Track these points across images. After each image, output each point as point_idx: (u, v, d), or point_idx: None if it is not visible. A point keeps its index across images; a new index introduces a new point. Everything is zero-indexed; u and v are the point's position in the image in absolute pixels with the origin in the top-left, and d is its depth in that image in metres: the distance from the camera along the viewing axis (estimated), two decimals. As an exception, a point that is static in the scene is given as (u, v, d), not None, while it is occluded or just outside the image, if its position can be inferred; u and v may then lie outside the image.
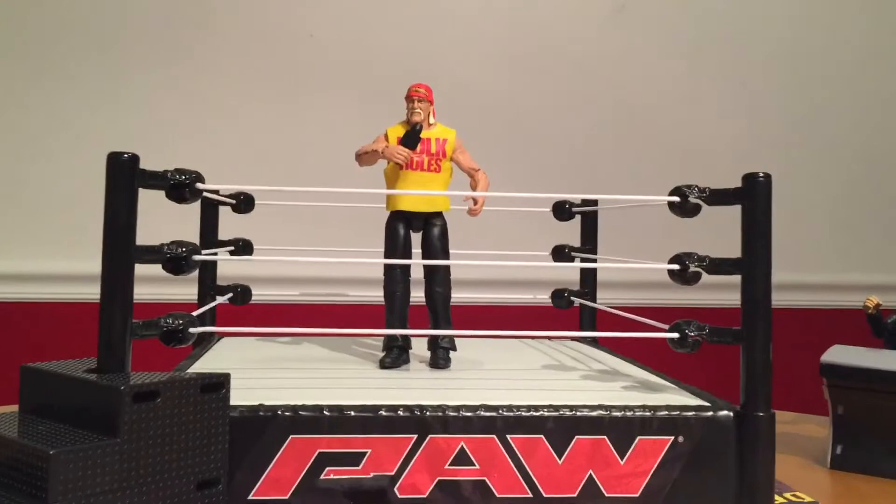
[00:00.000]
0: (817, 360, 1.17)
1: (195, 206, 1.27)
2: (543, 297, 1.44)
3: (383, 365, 1.10)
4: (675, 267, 0.92)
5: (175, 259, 0.85)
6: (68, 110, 1.99)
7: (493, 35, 2.10)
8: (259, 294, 1.37)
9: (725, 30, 2.20)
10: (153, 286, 1.16)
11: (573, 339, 1.40)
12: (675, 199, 0.92)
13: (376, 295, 1.16)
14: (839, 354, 1.16)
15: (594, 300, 1.43)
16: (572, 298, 1.41)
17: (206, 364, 1.10)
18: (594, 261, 1.42)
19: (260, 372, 1.05)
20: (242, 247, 1.35)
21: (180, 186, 0.86)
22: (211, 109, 2.04)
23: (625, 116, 2.15)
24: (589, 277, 1.44)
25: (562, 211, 1.41)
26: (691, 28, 2.18)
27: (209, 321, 1.35)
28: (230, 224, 1.36)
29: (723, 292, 1.16)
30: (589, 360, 1.20)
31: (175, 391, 0.76)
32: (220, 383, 0.80)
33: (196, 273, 1.35)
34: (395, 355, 1.11)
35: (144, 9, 2.02)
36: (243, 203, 1.34)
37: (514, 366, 1.14)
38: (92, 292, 0.84)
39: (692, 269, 0.91)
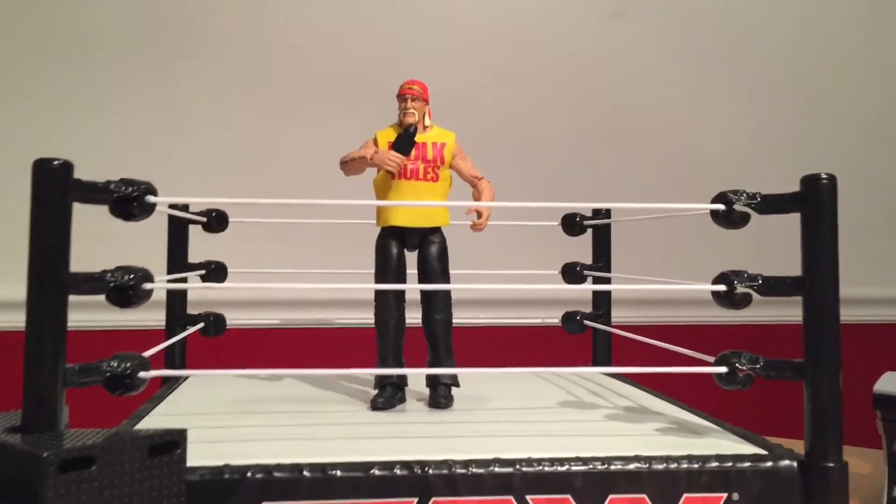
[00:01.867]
0: (862, 380, 1.03)
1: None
2: (552, 318, 1.29)
3: (375, 406, 0.94)
4: (722, 288, 0.77)
5: (120, 289, 0.70)
6: (32, 119, 1.84)
7: (487, 42, 1.96)
8: (236, 319, 1.22)
9: (726, 34, 2.06)
10: (114, 310, 1.00)
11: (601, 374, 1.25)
12: (720, 206, 0.78)
13: (366, 317, 1.01)
14: (894, 383, 1.02)
15: (609, 323, 1.28)
16: (585, 322, 1.26)
17: (169, 409, 0.95)
18: (608, 280, 1.28)
19: (229, 418, 0.89)
20: (215, 270, 1.20)
21: (126, 200, 0.71)
22: (187, 123, 1.88)
23: (624, 123, 2.01)
24: (603, 298, 1.29)
25: (572, 224, 1.27)
26: (690, 33, 2.05)
27: (178, 354, 1.21)
28: (207, 244, 1.21)
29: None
30: (610, 395, 1.05)
31: (115, 455, 0.61)
32: (173, 442, 0.65)
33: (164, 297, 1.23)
34: (389, 394, 0.96)
35: (120, 19, 1.87)
36: (215, 220, 1.19)
37: (527, 403, 0.99)
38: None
39: (741, 289, 0.77)
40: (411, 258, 1.00)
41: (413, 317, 1.00)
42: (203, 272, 1.19)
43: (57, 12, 1.84)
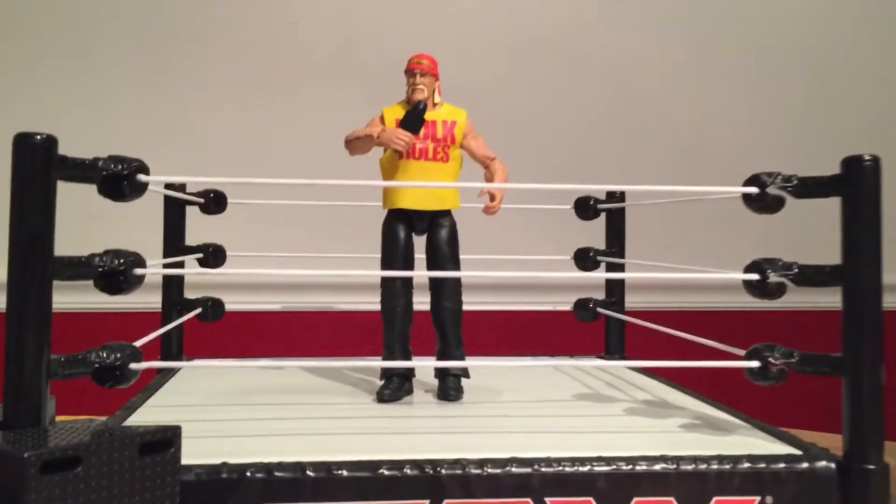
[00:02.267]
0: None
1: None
2: (563, 304, 1.24)
3: (382, 398, 0.90)
4: (754, 277, 0.72)
5: (110, 274, 0.65)
6: (26, 106, 1.78)
7: (495, 22, 1.89)
8: (235, 302, 1.17)
9: (735, 15, 2.00)
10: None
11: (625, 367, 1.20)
12: (753, 190, 0.73)
13: (371, 301, 0.96)
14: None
15: (622, 310, 1.24)
16: (598, 310, 1.21)
17: (163, 399, 0.90)
18: (622, 266, 1.23)
19: (227, 410, 0.84)
20: (213, 253, 1.15)
21: (115, 178, 0.66)
22: (183, 103, 1.82)
23: (628, 107, 1.94)
24: (617, 285, 1.24)
25: (586, 208, 1.21)
26: (698, 13, 1.98)
27: (175, 340, 1.16)
28: (207, 226, 1.16)
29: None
30: (627, 387, 1.00)
31: (103, 455, 0.56)
32: (166, 441, 0.60)
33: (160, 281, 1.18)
34: (396, 385, 0.91)
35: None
36: (213, 202, 1.14)
37: (541, 396, 0.94)
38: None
39: (774, 279, 0.72)
40: (419, 242, 0.95)
41: (421, 301, 0.95)
42: (200, 255, 1.14)
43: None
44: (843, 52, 2.04)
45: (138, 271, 0.66)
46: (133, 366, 0.66)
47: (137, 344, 0.74)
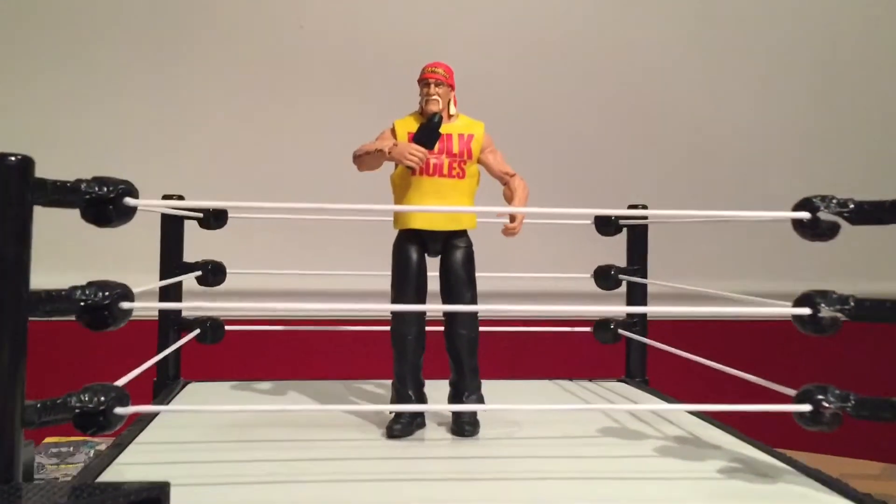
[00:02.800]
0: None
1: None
2: (582, 325, 1.18)
3: (392, 433, 0.83)
4: (805, 312, 0.65)
5: (93, 309, 0.59)
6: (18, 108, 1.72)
7: (506, 28, 1.82)
8: (237, 314, 1.11)
9: (747, 14, 1.92)
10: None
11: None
12: (804, 215, 0.66)
13: (382, 316, 0.90)
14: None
15: (644, 332, 1.17)
16: (619, 332, 1.15)
17: (156, 435, 0.83)
18: (644, 286, 1.16)
19: (225, 450, 0.78)
20: (212, 271, 1.09)
21: (100, 203, 0.59)
22: (186, 109, 1.76)
23: (638, 112, 1.88)
24: (638, 305, 1.18)
25: (607, 224, 1.15)
26: (710, 13, 1.91)
27: (172, 361, 1.10)
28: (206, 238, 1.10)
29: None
30: (654, 419, 0.93)
31: (80, 521, 0.50)
32: (153, 499, 0.53)
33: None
34: (407, 420, 0.84)
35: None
36: (213, 216, 1.08)
37: (562, 430, 0.87)
38: None
39: (827, 313, 0.65)
40: (433, 263, 0.88)
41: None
42: (199, 273, 1.07)
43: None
44: (867, 56, 1.97)
45: (125, 305, 0.60)
46: (119, 410, 0.59)
47: (126, 379, 0.68)
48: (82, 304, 0.58)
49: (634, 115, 1.88)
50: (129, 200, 0.60)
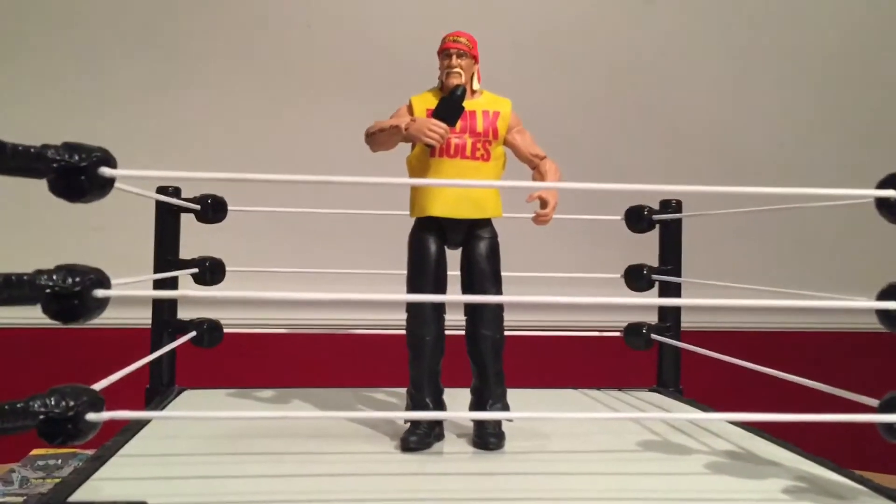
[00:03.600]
0: None
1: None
2: (612, 327, 1.09)
3: (407, 446, 0.74)
4: (891, 306, 0.56)
5: (62, 296, 0.50)
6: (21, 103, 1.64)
7: (512, 31, 1.73)
8: (236, 320, 1.03)
9: (767, 22, 1.83)
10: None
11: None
12: (891, 193, 0.56)
13: (394, 320, 0.81)
14: None
15: (678, 336, 1.08)
16: (652, 336, 1.06)
17: (144, 446, 0.74)
18: (678, 286, 1.07)
19: (218, 464, 0.69)
20: (210, 269, 1.00)
21: (73, 172, 0.51)
22: (192, 109, 1.68)
23: (654, 117, 1.79)
24: (672, 308, 1.09)
25: (639, 219, 1.06)
26: (728, 20, 1.82)
27: (167, 366, 1.02)
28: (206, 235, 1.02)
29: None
30: (697, 432, 0.84)
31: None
32: (126, 524, 0.45)
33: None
34: (424, 431, 0.75)
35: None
36: (211, 209, 0.99)
37: (597, 444, 0.78)
38: None
39: (918, 310, 0.56)
40: (453, 257, 0.79)
41: (454, 319, 0.79)
42: (195, 271, 0.99)
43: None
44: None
45: (100, 293, 0.51)
46: (91, 417, 0.51)
47: (106, 382, 0.59)
48: (48, 291, 0.50)
49: (642, 124, 1.79)
50: (104, 170, 0.51)
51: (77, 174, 0.50)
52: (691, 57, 1.80)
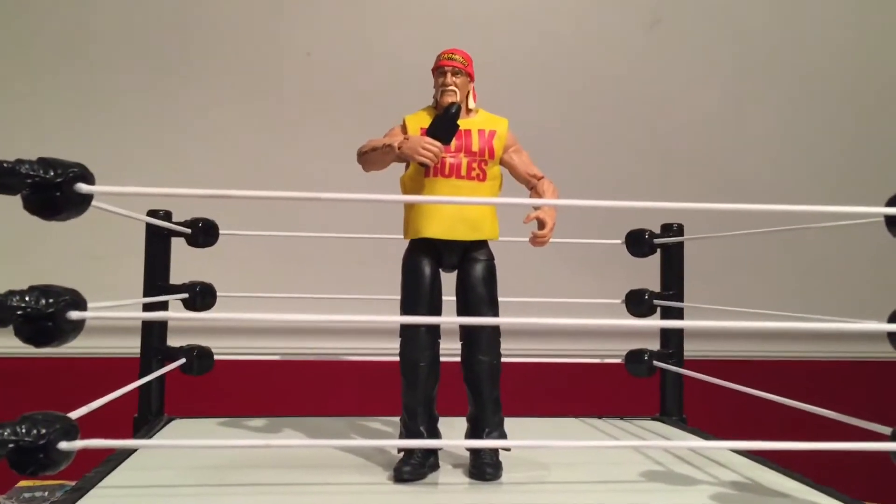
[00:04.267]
0: None
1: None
2: (613, 355, 1.06)
3: (400, 476, 0.71)
4: (904, 328, 0.54)
5: (34, 318, 0.48)
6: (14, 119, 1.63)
7: (516, 58, 1.72)
8: (226, 347, 1.00)
9: (773, 45, 1.82)
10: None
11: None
12: (901, 212, 0.54)
13: (386, 348, 0.78)
14: None
15: (681, 363, 1.05)
16: (655, 363, 1.03)
17: (127, 477, 0.71)
18: (681, 311, 1.05)
19: (200, 494, 0.66)
20: (200, 293, 0.98)
21: (48, 188, 0.48)
22: (189, 133, 1.66)
23: (660, 142, 1.77)
24: (674, 334, 1.06)
25: (640, 243, 1.04)
26: (734, 43, 1.81)
27: (156, 393, 0.99)
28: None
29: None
30: (702, 462, 0.81)
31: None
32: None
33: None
34: (418, 461, 0.72)
35: (122, 22, 1.66)
36: (202, 232, 0.97)
37: (598, 474, 0.75)
38: None
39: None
40: (448, 280, 0.77)
41: (449, 349, 0.76)
42: (185, 296, 0.96)
43: (57, 14, 1.63)
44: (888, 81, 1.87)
45: (74, 315, 0.48)
46: (63, 445, 0.48)
47: (86, 410, 0.56)
48: (20, 312, 0.47)
49: (649, 150, 1.77)
50: (81, 186, 0.49)
51: (52, 190, 0.48)
52: (690, 80, 1.79)
